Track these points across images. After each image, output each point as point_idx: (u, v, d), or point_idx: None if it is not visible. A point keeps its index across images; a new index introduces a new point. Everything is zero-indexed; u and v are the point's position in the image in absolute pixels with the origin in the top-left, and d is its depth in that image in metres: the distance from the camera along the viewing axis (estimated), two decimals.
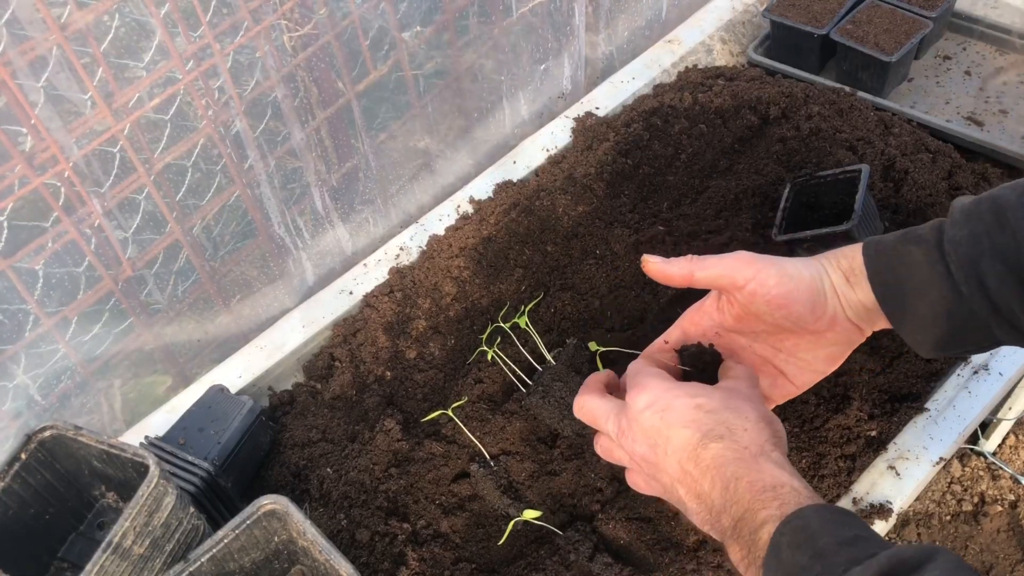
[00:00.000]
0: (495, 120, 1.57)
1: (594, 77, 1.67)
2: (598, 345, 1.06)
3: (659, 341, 0.97)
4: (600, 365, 1.07)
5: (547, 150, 1.40)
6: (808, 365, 0.90)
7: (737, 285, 0.87)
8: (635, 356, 0.95)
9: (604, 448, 0.88)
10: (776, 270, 0.85)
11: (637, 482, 0.87)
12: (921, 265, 0.81)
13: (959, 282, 0.78)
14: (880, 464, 1.01)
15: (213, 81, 1.27)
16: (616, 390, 0.92)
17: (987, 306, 0.78)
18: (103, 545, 0.79)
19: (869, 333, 0.87)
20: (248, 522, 0.87)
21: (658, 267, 0.91)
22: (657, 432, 0.81)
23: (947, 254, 0.79)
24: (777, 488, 0.73)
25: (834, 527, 0.66)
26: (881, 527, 0.97)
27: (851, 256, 0.85)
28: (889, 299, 0.83)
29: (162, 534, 0.85)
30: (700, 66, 1.52)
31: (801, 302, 0.85)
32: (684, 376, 0.91)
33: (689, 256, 0.90)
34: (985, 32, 1.57)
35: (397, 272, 1.25)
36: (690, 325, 0.96)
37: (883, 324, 0.85)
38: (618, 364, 1.13)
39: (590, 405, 0.88)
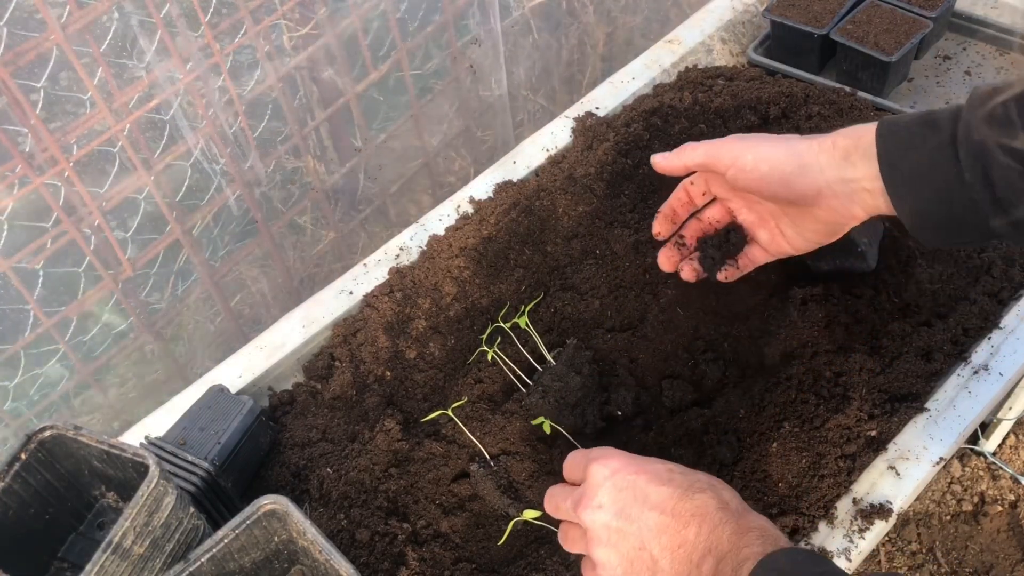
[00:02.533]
0: (495, 120, 1.57)
1: (594, 77, 1.67)
2: (547, 425, 1.06)
3: (661, 224, 1.11)
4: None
5: (547, 150, 1.40)
6: (802, 233, 0.98)
7: (720, 169, 0.96)
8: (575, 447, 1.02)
9: (563, 534, 0.89)
10: (752, 154, 0.93)
11: (587, 570, 0.86)
12: (933, 150, 0.81)
13: (964, 168, 0.78)
14: (880, 464, 1.01)
15: (213, 81, 1.27)
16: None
17: (988, 195, 0.78)
18: (103, 545, 0.79)
19: (864, 216, 0.91)
20: (248, 522, 0.87)
21: (663, 158, 1.03)
22: (632, 491, 0.80)
23: (958, 140, 0.79)
24: (761, 530, 0.75)
25: (803, 567, 0.69)
26: (881, 527, 0.97)
27: (857, 135, 0.87)
28: (895, 180, 0.84)
29: (162, 534, 0.85)
30: (700, 66, 1.52)
31: (776, 182, 0.91)
32: (704, 263, 1.08)
33: (687, 144, 1.00)
34: (985, 32, 1.57)
35: (397, 272, 1.25)
36: (683, 192, 1.08)
37: (879, 207, 0.88)
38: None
39: (553, 491, 0.90)
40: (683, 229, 1.11)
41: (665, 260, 1.12)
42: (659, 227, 1.11)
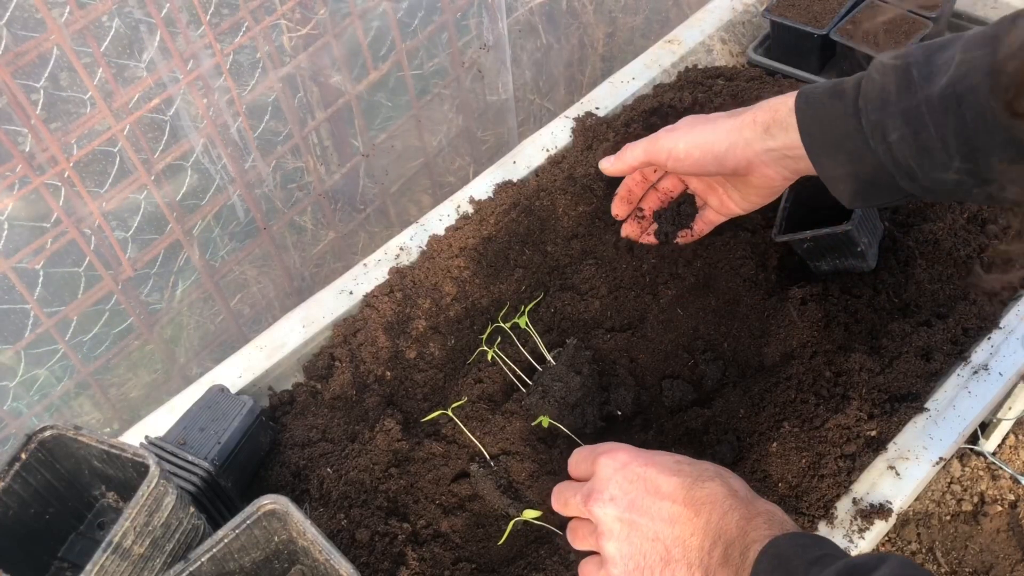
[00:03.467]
0: (499, 122, 1.57)
1: (594, 77, 1.67)
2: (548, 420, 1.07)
3: (618, 206, 1.19)
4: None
5: (547, 150, 1.40)
6: (745, 197, 1.07)
7: (660, 162, 1.06)
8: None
9: (573, 531, 0.90)
10: (684, 143, 1.02)
11: (590, 570, 0.87)
12: (840, 118, 0.88)
13: (868, 136, 0.85)
14: (880, 464, 1.01)
15: (213, 81, 1.27)
16: None
17: (891, 160, 0.85)
18: (103, 545, 0.79)
19: (794, 178, 1.00)
20: (248, 522, 0.87)
21: (609, 163, 1.12)
22: (643, 483, 0.81)
23: (860, 110, 0.86)
24: (769, 515, 0.77)
25: (804, 550, 0.71)
26: (881, 527, 0.97)
27: (774, 108, 0.95)
28: (814, 147, 0.91)
29: (162, 534, 0.85)
30: (700, 66, 1.52)
31: (710, 163, 1.01)
32: (659, 235, 1.17)
33: (627, 144, 1.10)
34: None
35: (397, 272, 1.26)
36: (637, 173, 1.16)
37: (803, 169, 0.96)
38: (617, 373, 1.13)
39: (560, 488, 0.91)
40: (642, 202, 1.19)
41: (629, 232, 1.21)
42: (617, 209, 1.19)
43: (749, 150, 0.97)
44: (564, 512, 0.90)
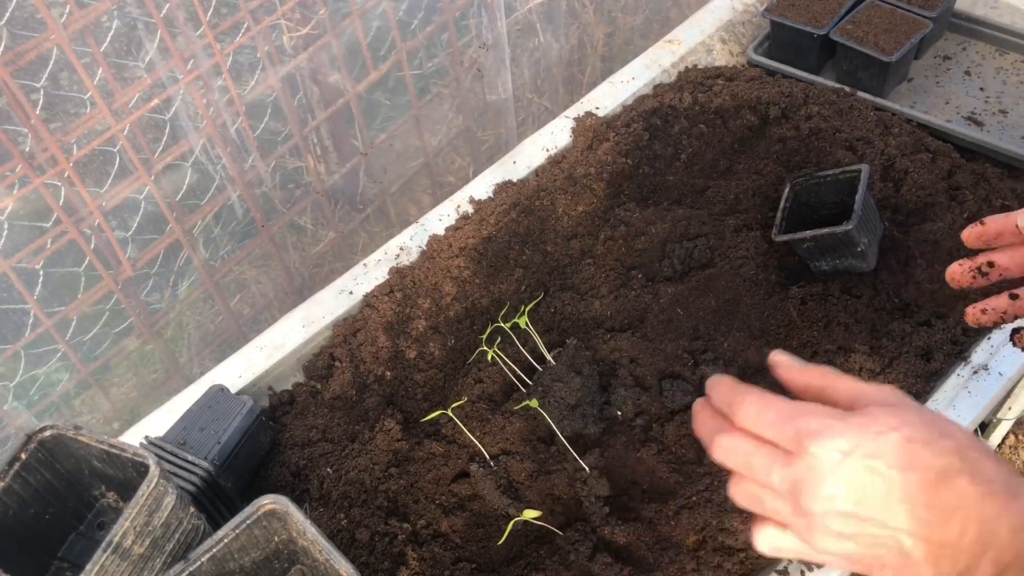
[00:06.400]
0: (499, 122, 1.57)
1: (594, 77, 1.67)
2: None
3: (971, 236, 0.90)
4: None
5: (547, 150, 1.40)
6: None
7: None
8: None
9: (751, 496, 0.70)
10: None
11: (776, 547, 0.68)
12: None
13: None
14: None
15: (213, 81, 1.27)
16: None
17: None
18: (103, 545, 0.79)
19: None
20: (248, 522, 0.87)
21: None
22: (871, 481, 0.65)
23: None
24: None
25: None
26: None
27: None
28: None
29: (162, 534, 0.85)
30: (700, 66, 1.52)
31: None
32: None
33: None
34: (985, 32, 1.57)
35: (397, 272, 1.25)
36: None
37: None
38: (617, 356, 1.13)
39: (741, 448, 0.69)
40: (995, 253, 0.92)
41: (956, 273, 0.95)
42: (967, 235, 0.90)
43: None
44: (744, 472, 0.70)
